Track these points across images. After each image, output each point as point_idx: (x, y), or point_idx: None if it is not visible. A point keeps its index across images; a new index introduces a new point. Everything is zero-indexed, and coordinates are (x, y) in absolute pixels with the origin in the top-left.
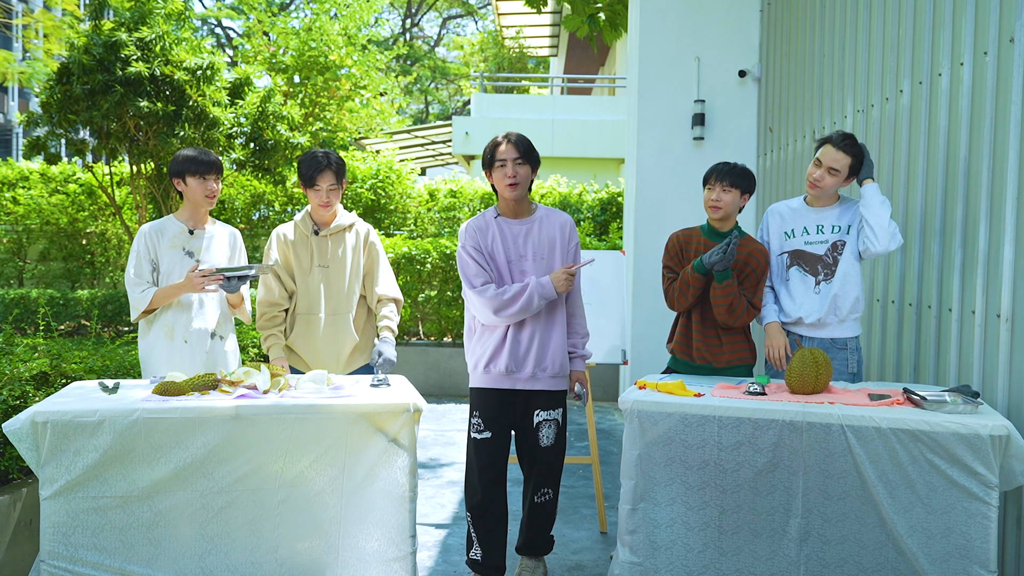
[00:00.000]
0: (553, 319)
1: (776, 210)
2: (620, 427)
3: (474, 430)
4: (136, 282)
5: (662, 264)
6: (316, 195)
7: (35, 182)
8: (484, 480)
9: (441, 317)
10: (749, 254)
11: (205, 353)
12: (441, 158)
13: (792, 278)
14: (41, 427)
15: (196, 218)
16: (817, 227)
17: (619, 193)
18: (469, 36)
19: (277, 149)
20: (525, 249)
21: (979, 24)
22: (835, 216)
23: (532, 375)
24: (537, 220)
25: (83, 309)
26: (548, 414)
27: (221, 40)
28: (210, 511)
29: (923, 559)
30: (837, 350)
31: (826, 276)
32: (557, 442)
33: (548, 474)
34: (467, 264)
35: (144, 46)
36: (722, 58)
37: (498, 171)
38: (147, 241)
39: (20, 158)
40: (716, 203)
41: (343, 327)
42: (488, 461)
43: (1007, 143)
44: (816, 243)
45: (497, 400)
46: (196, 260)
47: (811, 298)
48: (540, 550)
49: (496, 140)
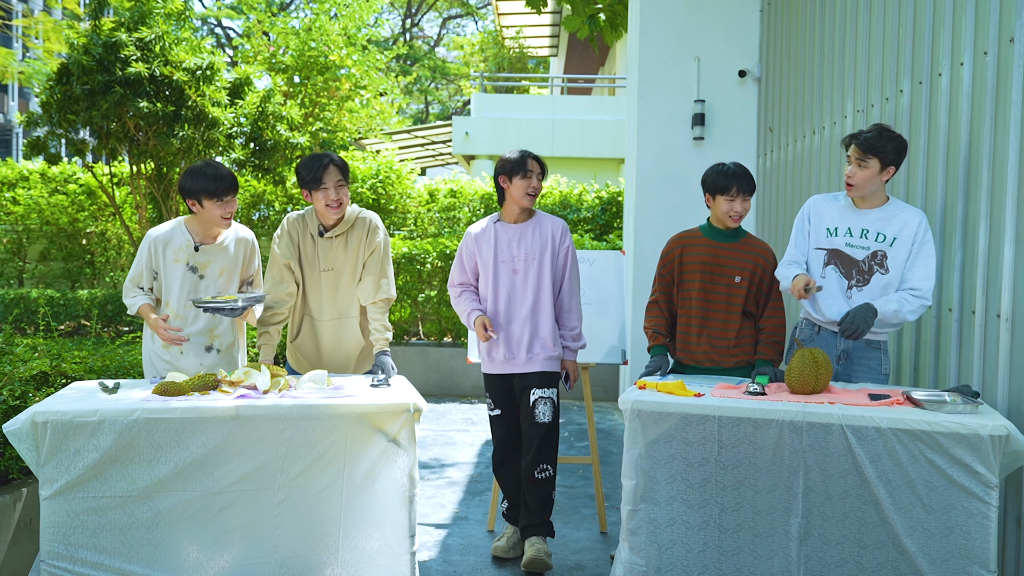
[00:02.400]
0: (539, 312)
1: (820, 204)
2: (620, 427)
3: (489, 408)
4: (129, 288)
5: (656, 271)
6: (324, 194)
7: (35, 182)
8: (503, 448)
9: (441, 317)
10: (759, 253)
11: (200, 366)
12: (441, 158)
13: (828, 277)
14: (41, 427)
15: (207, 233)
16: (862, 231)
17: (619, 193)
18: (469, 36)
19: (277, 149)
20: (518, 251)
21: (979, 24)
22: (881, 221)
23: (527, 359)
24: (532, 224)
25: (83, 309)
26: (544, 392)
27: (221, 40)
28: (210, 511)
29: (923, 559)
30: (871, 351)
31: (859, 282)
32: (553, 419)
33: (546, 449)
34: (453, 275)
35: (144, 46)
36: (722, 58)
37: (523, 180)
38: (151, 250)
39: (20, 158)
40: (739, 215)
41: (350, 331)
42: (503, 432)
43: (1007, 143)
44: (857, 247)
45: (501, 383)
46: (200, 276)
47: (843, 303)
48: (544, 531)
49: (525, 153)
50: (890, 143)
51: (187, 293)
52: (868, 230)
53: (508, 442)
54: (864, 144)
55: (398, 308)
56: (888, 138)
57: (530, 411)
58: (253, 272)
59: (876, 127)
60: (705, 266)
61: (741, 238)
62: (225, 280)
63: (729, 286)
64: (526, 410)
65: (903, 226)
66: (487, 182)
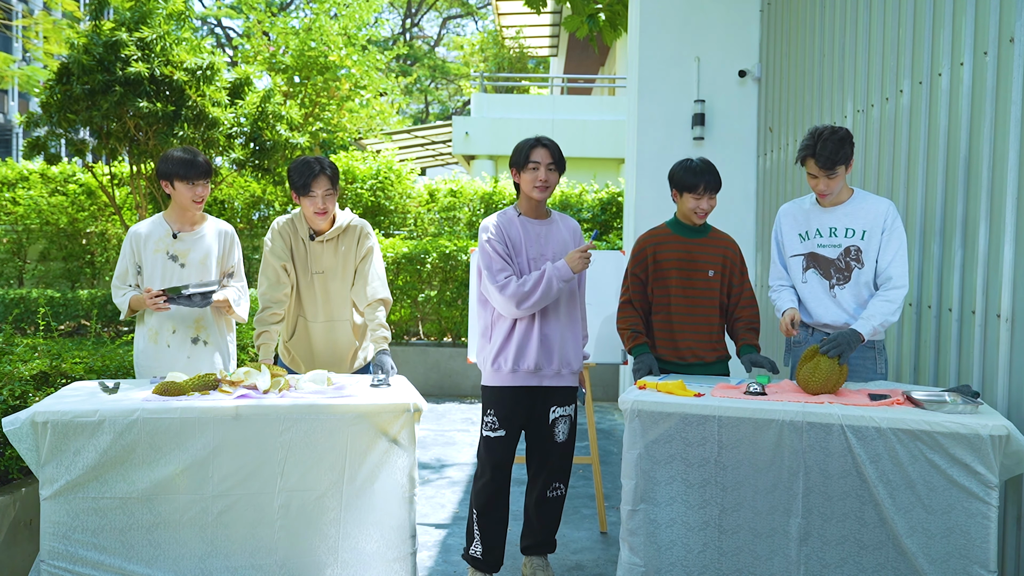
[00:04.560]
0: (574, 316)
1: (788, 211)
2: (620, 427)
3: (487, 428)
4: (117, 285)
5: (627, 271)
6: (312, 202)
7: (35, 182)
8: (496, 477)
9: (441, 317)
10: (726, 247)
11: (187, 359)
12: (441, 158)
13: (810, 281)
14: (41, 427)
15: (184, 219)
16: (830, 230)
17: (619, 193)
18: (469, 36)
19: (277, 149)
20: (546, 248)
21: (979, 24)
22: (847, 217)
23: (557, 372)
24: (554, 222)
25: (83, 309)
26: (564, 410)
27: (221, 40)
28: (210, 512)
29: (923, 559)
30: (866, 350)
31: (839, 281)
32: (569, 437)
33: (561, 469)
34: (491, 258)
35: (144, 46)
36: (722, 58)
37: (530, 173)
38: (132, 245)
39: (20, 158)
40: (705, 212)
41: (341, 334)
42: (501, 458)
43: (1007, 143)
44: (829, 246)
45: (513, 398)
46: (180, 264)
47: (829, 303)
48: (546, 550)
49: (531, 142)
50: (847, 145)
51: (168, 282)
52: (836, 228)
53: (506, 471)
54: (828, 161)
55: (398, 308)
56: (844, 141)
57: (549, 430)
58: (234, 264)
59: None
60: (681, 262)
61: (708, 232)
62: (205, 270)
63: (705, 280)
64: (543, 428)
65: (870, 217)
66: (487, 182)
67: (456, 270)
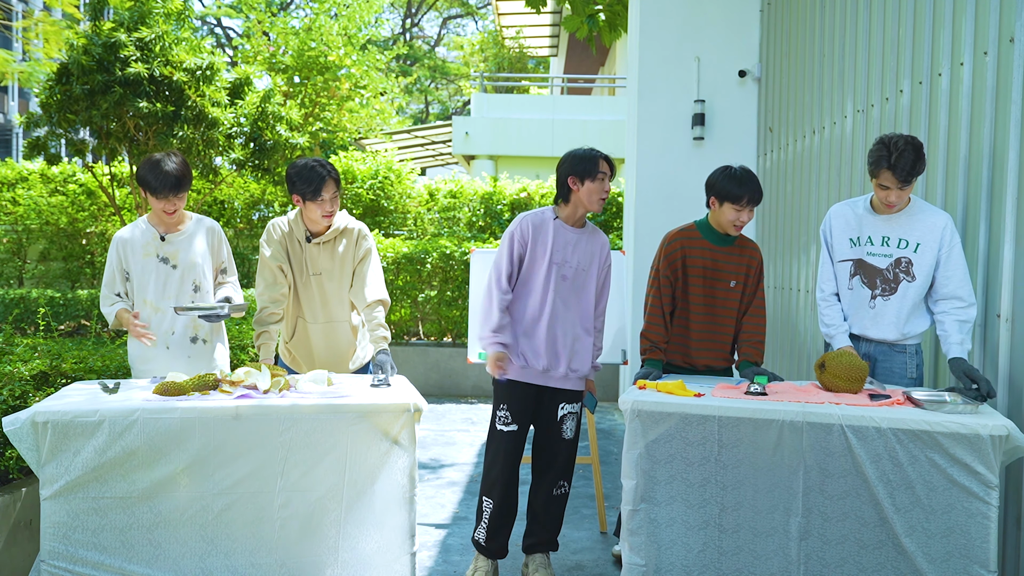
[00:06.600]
0: (588, 327)
1: (840, 213)
2: (620, 427)
3: (501, 422)
4: (106, 295)
5: (656, 269)
6: (320, 206)
7: (35, 182)
8: (508, 470)
9: (441, 317)
10: (751, 255)
11: (187, 358)
12: (441, 158)
13: (855, 288)
14: (41, 427)
15: (168, 223)
16: (883, 239)
17: (619, 193)
18: (469, 36)
19: (277, 149)
20: (572, 256)
21: (979, 24)
22: (902, 227)
23: (564, 375)
24: (587, 233)
25: (83, 309)
26: (572, 407)
27: (221, 40)
28: (210, 512)
29: (923, 559)
30: (895, 354)
31: (884, 292)
32: (575, 435)
33: (567, 466)
34: (502, 262)
35: (143, 46)
36: (722, 58)
37: (597, 183)
38: (118, 251)
39: (20, 158)
40: (743, 224)
41: (341, 335)
42: (512, 452)
43: (1007, 143)
44: (879, 255)
45: (525, 394)
46: (172, 266)
47: (865, 315)
48: (549, 548)
49: (596, 153)
50: (921, 158)
51: (162, 285)
52: (889, 237)
53: (516, 465)
54: (907, 173)
55: (398, 308)
56: (920, 151)
57: (557, 426)
58: (224, 259)
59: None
60: (706, 271)
61: (735, 241)
62: (198, 269)
63: (725, 290)
64: (550, 425)
65: (927, 230)
66: (487, 182)
67: (456, 270)
